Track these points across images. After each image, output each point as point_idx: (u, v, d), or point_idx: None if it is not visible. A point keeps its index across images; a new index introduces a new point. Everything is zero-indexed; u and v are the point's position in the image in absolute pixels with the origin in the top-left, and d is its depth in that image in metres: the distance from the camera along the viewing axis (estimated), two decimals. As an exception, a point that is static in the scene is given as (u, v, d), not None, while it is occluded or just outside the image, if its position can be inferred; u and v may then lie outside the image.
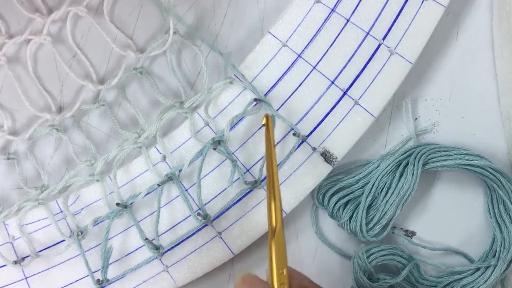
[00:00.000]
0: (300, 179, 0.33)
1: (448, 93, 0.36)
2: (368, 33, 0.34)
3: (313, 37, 0.34)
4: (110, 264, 0.33)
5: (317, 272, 0.35)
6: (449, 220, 0.35)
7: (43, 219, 0.34)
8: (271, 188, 0.27)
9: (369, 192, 0.34)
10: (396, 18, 0.34)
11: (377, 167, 0.35)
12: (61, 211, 0.34)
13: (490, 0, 0.37)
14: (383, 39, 0.34)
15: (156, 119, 0.34)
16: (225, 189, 0.34)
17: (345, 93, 0.34)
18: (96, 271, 0.33)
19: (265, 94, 0.34)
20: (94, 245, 0.34)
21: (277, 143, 0.34)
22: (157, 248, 0.33)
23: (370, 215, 0.34)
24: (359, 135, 0.33)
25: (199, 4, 0.37)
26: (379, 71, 0.34)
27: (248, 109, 0.33)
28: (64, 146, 0.36)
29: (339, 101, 0.34)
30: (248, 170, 0.34)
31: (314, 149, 0.33)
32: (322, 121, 0.34)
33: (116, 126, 0.35)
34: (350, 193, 0.34)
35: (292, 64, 0.34)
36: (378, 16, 0.34)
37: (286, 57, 0.34)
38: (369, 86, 0.34)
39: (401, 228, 0.35)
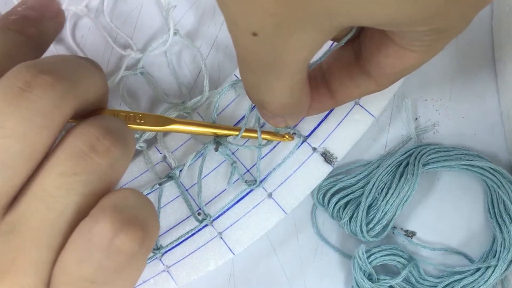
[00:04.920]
0: (300, 179, 0.33)
1: (448, 93, 0.36)
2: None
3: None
4: (110, 264, 0.33)
5: (317, 272, 0.35)
6: (449, 220, 0.35)
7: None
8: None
9: (369, 192, 0.34)
10: (396, 18, 0.34)
11: (377, 167, 0.35)
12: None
13: (490, 0, 0.37)
14: (383, 39, 0.34)
15: (156, 119, 0.34)
16: (225, 189, 0.34)
17: (345, 93, 0.34)
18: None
19: (265, 94, 0.34)
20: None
21: (277, 144, 0.34)
22: (157, 248, 0.33)
23: (370, 215, 0.34)
24: (359, 135, 0.33)
25: (199, 4, 0.37)
26: (379, 71, 0.34)
27: (250, 113, 0.33)
28: (64, 146, 0.36)
29: (339, 101, 0.34)
30: (248, 170, 0.34)
31: (314, 149, 0.33)
32: (322, 121, 0.34)
33: (116, 126, 0.35)
34: (350, 193, 0.34)
35: (292, 64, 0.34)
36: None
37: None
38: (369, 86, 0.34)
39: (401, 228, 0.35)
